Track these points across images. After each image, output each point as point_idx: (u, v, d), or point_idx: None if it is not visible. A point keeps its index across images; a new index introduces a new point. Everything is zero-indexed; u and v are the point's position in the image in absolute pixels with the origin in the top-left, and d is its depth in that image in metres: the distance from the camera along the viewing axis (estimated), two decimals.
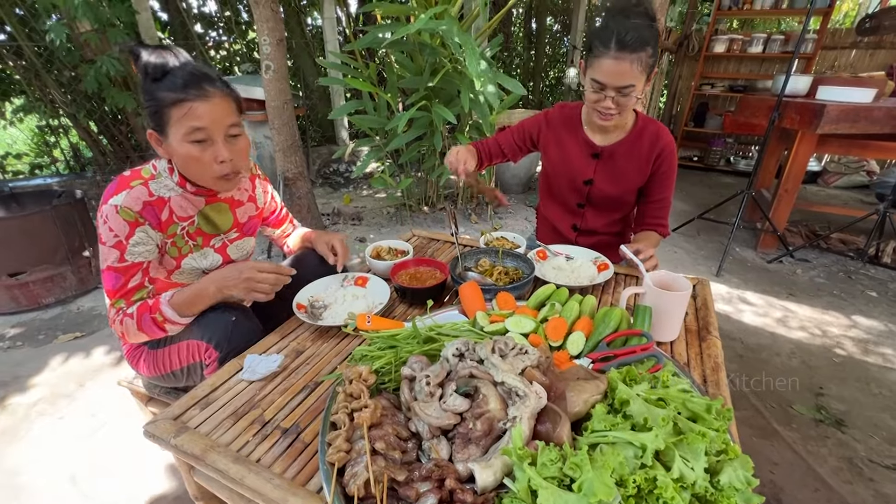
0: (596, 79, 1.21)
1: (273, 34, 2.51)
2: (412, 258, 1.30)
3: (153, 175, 1.04)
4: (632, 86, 1.19)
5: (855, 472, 1.46)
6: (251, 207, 1.27)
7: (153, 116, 0.97)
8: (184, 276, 1.14)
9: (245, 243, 1.26)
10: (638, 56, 1.15)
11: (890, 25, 4.40)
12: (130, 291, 1.02)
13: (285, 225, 1.43)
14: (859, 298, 2.60)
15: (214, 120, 0.96)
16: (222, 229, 1.18)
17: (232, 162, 1.02)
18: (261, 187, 1.31)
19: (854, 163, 4.88)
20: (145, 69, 0.95)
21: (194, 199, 1.10)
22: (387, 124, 2.96)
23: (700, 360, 0.96)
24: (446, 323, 0.99)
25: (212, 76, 0.99)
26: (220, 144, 0.99)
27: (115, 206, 0.98)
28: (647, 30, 1.15)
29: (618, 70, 1.16)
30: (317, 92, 5.22)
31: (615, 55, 1.15)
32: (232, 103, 1.01)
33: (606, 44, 1.15)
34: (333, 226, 3.53)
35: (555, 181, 1.52)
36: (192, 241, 1.12)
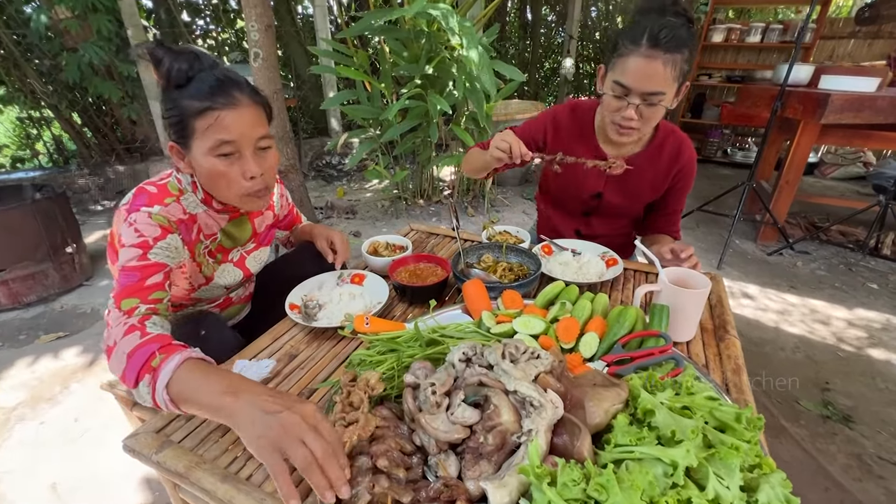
0: (620, 81, 1.06)
1: (261, 20, 2.41)
2: (411, 254, 1.23)
3: (181, 191, 0.96)
4: (661, 93, 1.04)
5: (865, 469, 1.43)
6: (269, 216, 1.20)
7: (175, 127, 0.88)
8: (206, 293, 1.08)
9: (262, 254, 1.20)
10: (672, 57, 1.00)
11: (888, 14, 4.37)
12: (147, 290, 0.83)
13: (297, 226, 1.36)
14: (861, 291, 2.57)
15: (243, 131, 0.86)
16: (241, 242, 1.12)
17: (262, 177, 0.92)
18: (279, 192, 1.24)
19: (851, 154, 4.87)
20: (167, 75, 0.85)
21: (218, 217, 1.03)
22: (380, 114, 2.87)
23: (719, 361, 0.91)
24: (450, 324, 0.93)
25: (240, 81, 0.89)
26: (248, 158, 0.89)
27: (148, 212, 0.89)
28: (685, 30, 1.01)
29: (648, 71, 1.01)
30: (308, 82, 5.09)
31: (646, 52, 1.00)
32: (262, 112, 0.92)
33: (636, 40, 1.01)
34: (327, 220, 3.45)
35: (560, 191, 1.42)
36: (212, 259, 1.06)
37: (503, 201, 3.83)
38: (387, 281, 1.14)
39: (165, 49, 0.85)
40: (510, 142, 1.15)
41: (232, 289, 1.15)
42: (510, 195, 4.02)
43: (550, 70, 7.50)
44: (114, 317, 0.80)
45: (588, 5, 6.84)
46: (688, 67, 1.05)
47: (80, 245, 2.47)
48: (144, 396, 0.71)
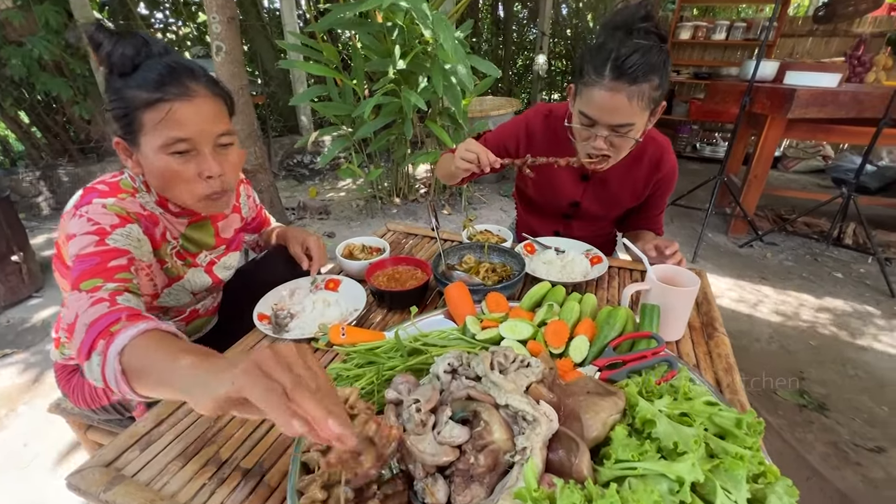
0: (585, 112, 0.99)
1: (223, 11, 2.28)
2: (389, 256, 1.17)
3: (136, 189, 0.86)
4: (629, 124, 0.97)
5: (842, 457, 1.45)
6: (236, 219, 1.10)
7: (121, 121, 0.78)
8: (168, 301, 0.98)
9: (231, 259, 1.11)
10: (639, 88, 0.91)
11: (843, 13, 4.55)
12: (111, 270, 0.71)
13: (266, 229, 1.27)
14: (826, 280, 2.66)
15: (202, 127, 0.77)
16: (207, 247, 1.02)
17: (221, 179, 0.83)
18: (245, 193, 1.15)
19: (811, 148, 5.06)
20: (109, 61, 0.75)
21: (176, 222, 0.93)
22: (353, 111, 2.78)
23: (710, 360, 0.89)
24: (432, 331, 0.87)
25: (196, 70, 0.79)
26: (207, 156, 0.79)
27: (102, 203, 0.78)
28: (656, 53, 0.91)
29: (612, 105, 0.93)
30: (276, 78, 4.92)
31: (610, 84, 0.91)
32: (222, 105, 0.82)
33: (600, 70, 0.92)
34: (299, 221, 3.33)
35: (537, 197, 1.37)
36: (181, 262, 0.96)
37: (480, 199, 3.80)
38: (363, 286, 1.07)
39: (107, 32, 0.75)
40: (476, 151, 1.09)
41: (199, 296, 1.05)
42: (487, 192, 3.99)
43: (524, 67, 7.52)
44: (73, 297, 0.67)
45: (559, 2, 6.88)
46: (660, 93, 0.96)
47: (27, 253, 2.28)
48: (94, 370, 0.60)
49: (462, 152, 1.11)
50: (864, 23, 4.82)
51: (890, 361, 1.94)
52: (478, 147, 1.10)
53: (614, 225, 1.49)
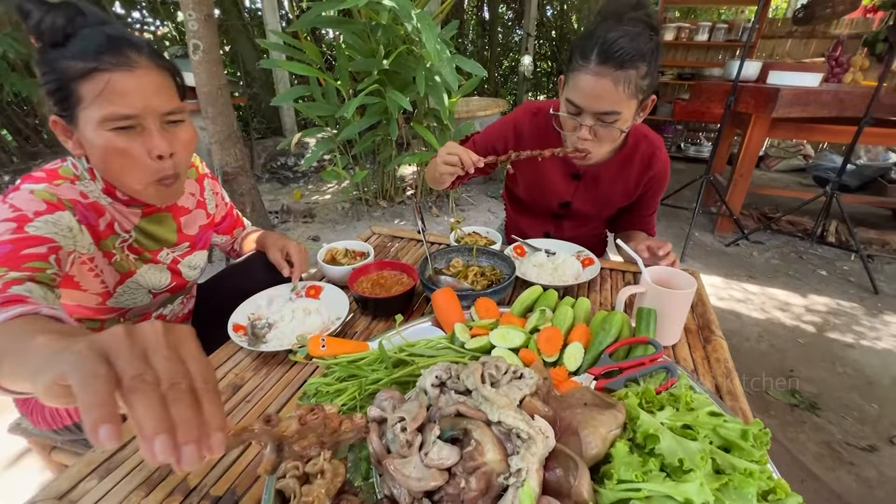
0: (570, 99, 0.96)
1: (200, 8, 2.20)
2: (374, 261, 1.11)
3: (76, 176, 0.79)
4: (615, 112, 0.93)
5: (835, 457, 1.44)
6: (200, 215, 1.03)
7: (55, 96, 0.71)
8: (125, 301, 0.90)
9: (197, 259, 1.04)
10: (626, 74, 0.88)
11: (821, 15, 4.63)
12: (22, 258, 0.64)
13: (238, 229, 1.20)
14: (812, 277, 2.68)
15: (146, 102, 0.71)
16: (168, 243, 0.95)
17: (173, 159, 0.76)
18: (210, 188, 1.08)
19: (792, 147, 5.14)
20: (39, 30, 0.69)
21: (128, 213, 0.86)
22: (337, 112, 2.72)
23: (708, 365, 0.85)
24: (419, 340, 0.82)
25: (137, 42, 0.73)
26: (154, 133, 0.73)
27: (30, 189, 0.72)
28: (644, 41, 0.88)
29: (596, 90, 0.91)
30: (259, 79, 4.83)
31: (595, 69, 0.89)
32: (169, 80, 0.76)
33: (586, 54, 0.90)
34: (283, 224, 3.25)
35: (526, 197, 1.34)
36: (134, 256, 0.89)
37: (468, 200, 3.76)
38: (346, 293, 1.02)
39: (37, 1, 0.69)
40: (457, 153, 1.06)
41: (161, 297, 0.97)
42: (475, 193, 3.96)
43: (509, 68, 7.52)
44: None
45: (544, 4, 6.90)
46: (649, 82, 0.93)
47: None
48: None
49: (443, 156, 1.08)
50: (842, 24, 4.92)
51: (876, 358, 1.95)
52: (459, 148, 1.07)
53: (605, 225, 1.46)
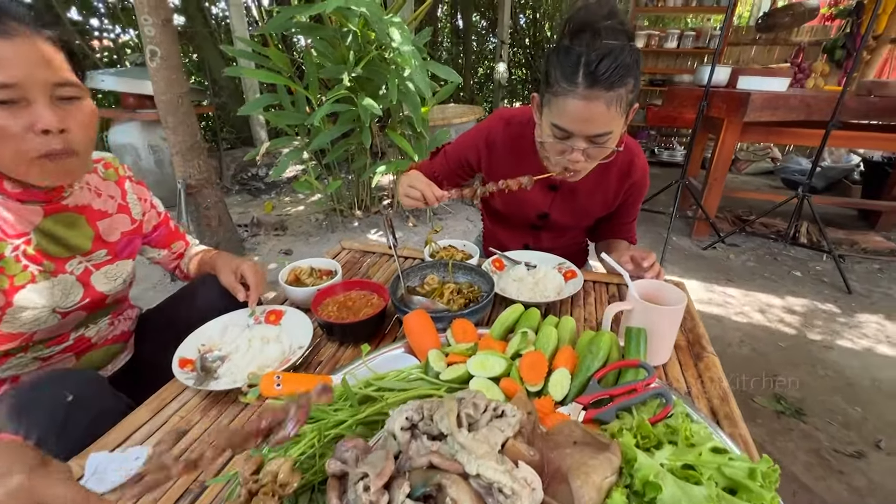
0: (559, 125, 0.89)
1: (156, 13, 2.08)
2: (340, 281, 1.02)
3: None
4: (608, 133, 0.88)
5: (825, 465, 1.41)
6: (123, 220, 0.93)
7: None
8: (23, 325, 0.77)
9: (119, 270, 0.92)
10: (616, 94, 0.83)
11: (782, 23, 4.80)
12: None
13: (177, 243, 1.08)
14: (787, 279, 2.70)
15: (27, 70, 0.63)
16: (79, 250, 0.83)
17: (63, 135, 0.68)
18: (134, 193, 0.96)
19: (761, 150, 5.28)
20: None
21: (23, 210, 0.75)
22: (306, 120, 2.62)
23: (701, 385, 0.80)
24: (389, 372, 0.74)
25: (14, 10, 0.64)
26: (41, 106, 0.65)
27: None
28: (628, 54, 0.82)
29: (588, 114, 0.84)
30: (227, 88, 4.67)
31: (585, 93, 0.82)
32: (56, 51, 0.67)
33: (571, 77, 0.83)
34: (253, 238, 3.11)
35: (503, 209, 1.28)
36: (34, 266, 0.76)
37: (446, 209, 3.69)
38: (311, 317, 0.92)
39: None
40: (420, 188, 1.02)
41: (72, 316, 0.84)
42: (453, 202, 3.89)
43: (485, 76, 7.54)
44: None
45: (517, 12, 6.96)
46: (634, 94, 0.88)
47: None
48: None
49: (405, 188, 1.05)
50: (802, 32, 5.10)
51: (854, 359, 1.96)
52: (421, 182, 1.04)
53: (586, 234, 1.41)
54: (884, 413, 1.64)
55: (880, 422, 1.60)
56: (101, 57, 4.51)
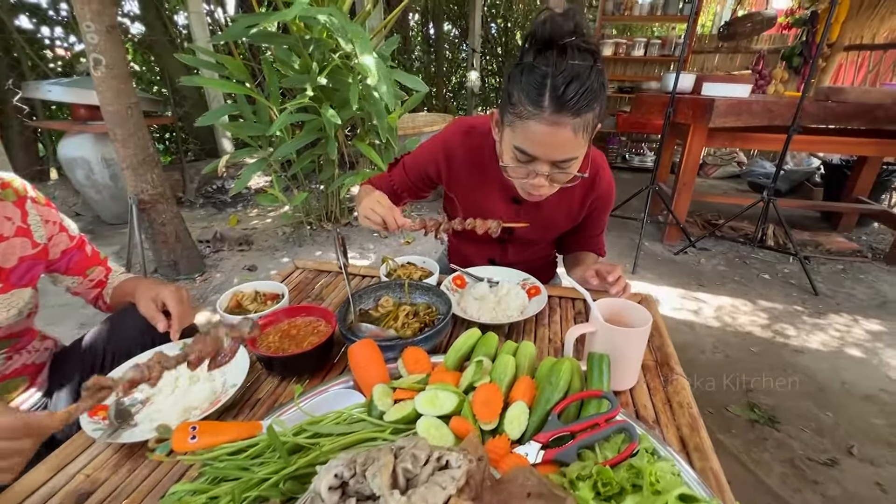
0: (522, 149, 0.83)
1: (99, 19, 1.96)
2: (285, 307, 0.94)
3: None
4: (573, 158, 0.83)
5: (800, 476, 1.39)
6: (23, 244, 0.82)
7: None
8: None
9: (15, 298, 0.82)
10: (584, 120, 0.77)
11: (742, 32, 4.95)
12: None
13: (94, 270, 0.98)
14: (756, 282, 2.73)
15: None
16: None
17: None
18: (38, 215, 0.86)
19: (727, 155, 5.41)
20: None
21: None
22: (266, 130, 2.52)
23: (670, 411, 0.74)
24: (326, 415, 0.66)
25: None
26: None
27: None
28: (595, 76, 0.77)
29: (554, 141, 0.79)
30: (191, 98, 4.51)
31: (551, 118, 0.76)
32: None
33: (537, 101, 0.76)
34: (216, 254, 2.97)
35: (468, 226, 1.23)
36: None
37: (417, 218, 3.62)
38: (249, 349, 0.83)
39: None
40: (381, 214, 0.97)
41: None
42: (425, 211, 3.83)
43: (458, 84, 7.55)
44: None
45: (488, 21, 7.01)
46: (601, 117, 0.83)
47: None
48: None
49: (367, 210, 0.99)
50: (762, 40, 5.27)
51: (824, 362, 1.97)
52: (384, 208, 0.98)
53: (553, 246, 1.36)
54: (854, 418, 1.64)
55: (851, 427, 1.60)
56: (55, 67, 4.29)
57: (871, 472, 1.41)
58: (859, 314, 2.37)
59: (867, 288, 2.66)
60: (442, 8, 6.57)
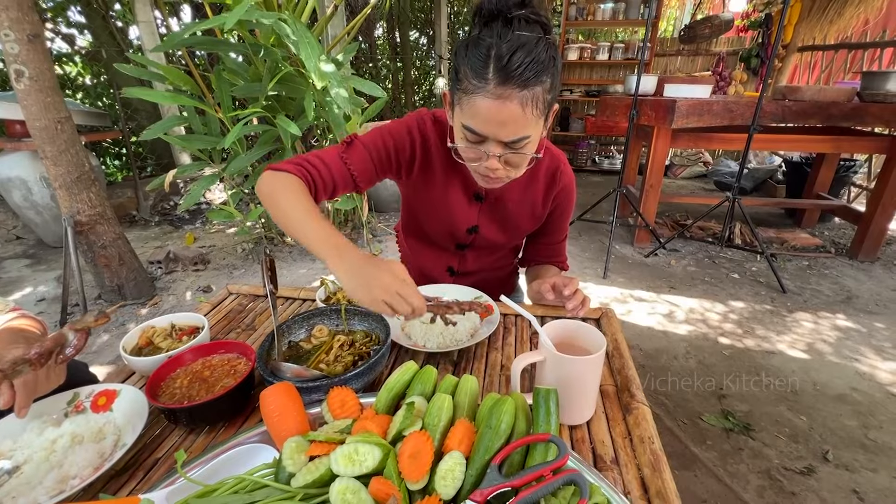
0: (470, 127, 0.76)
1: (19, 27, 1.80)
2: (199, 343, 0.82)
3: None
4: (525, 138, 0.76)
5: (776, 488, 1.33)
6: None
7: None
8: None
9: None
10: (532, 93, 0.71)
11: (702, 34, 5.05)
12: None
13: None
14: (726, 282, 2.72)
15: None
16: None
17: None
18: None
19: (693, 155, 5.50)
20: None
21: None
22: (217, 143, 2.38)
23: (631, 448, 0.66)
24: (224, 482, 0.55)
25: None
26: None
27: None
28: (543, 48, 0.71)
29: (501, 116, 0.72)
30: (145, 110, 4.30)
31: (497, 91, 0.70)
32: None
33: (481, 73, 0.70)
34: (168, 275, 2.79)
35: (429, 226, 1.11)
36: None
37: (385, 229, 3.52)
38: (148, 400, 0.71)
39: None
40: (414, 305, 0.70)
41: None
42: (393, 221, 3.72)
43: (428, 91, 7.49)
44: None
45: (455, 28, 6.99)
46: (553, 94, 0.76)
47: None
48: None
49: (395, 298, 0.68)
50: (721, 43, 5.39)
51: (795, 363, 1.95)
52: (413, 294, 0.70)
53: (515, 254, 1.28)
54: (827, 420, 1.61)
55: (825, 430, 1.56)
56: None
57: (847, 478, 1.36)
58: (826, 310, 2.37)
59: (832, 283, 2.68)
60: (407, 15, 6.52)
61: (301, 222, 0.77)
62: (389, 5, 5.50)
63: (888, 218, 2.86)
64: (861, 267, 2.88)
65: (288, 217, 0.79)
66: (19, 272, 2.87)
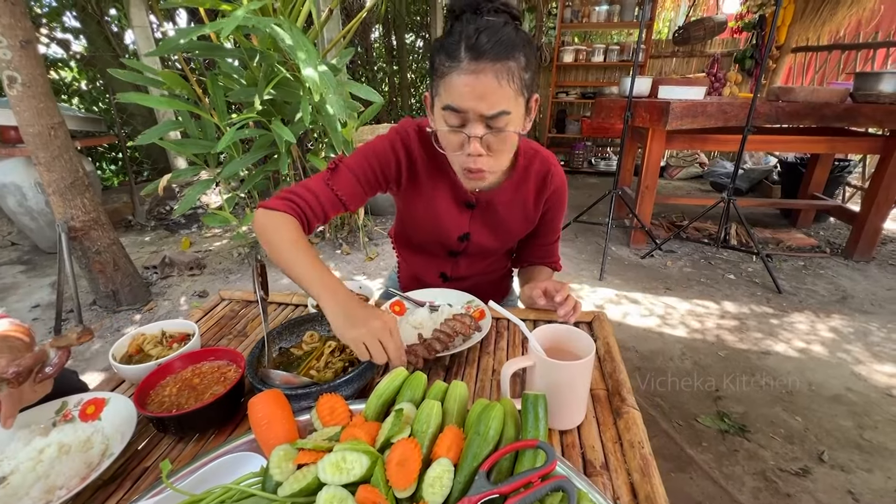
0: (450, 105, 0.78)
1: (12, 33, 1.80)
2: (189, 351, 0.82)
3: None
4: (505, 112, 0.77)
5: (772, 490, 1.33)
6: None
7: None
8: None
9: None
10: (505, 66, 0.74)
11: (696, 36, 5.07)
12: None
13: None
14: (722, 283, 2.73)
15: None
16: None
17: None
18: None
19: (689, 156, 5.52)
20: None
21: None
22: (212, 148, 2.38)
23: (621, 451, 0.66)
24: (210, 491, 0.54)
25: None
26: None
27: None
28: (511, 30, 0.76)
29: (477, 88, 0.74)
30: (140, 115, 4.30)
31: (470, 66, 0.73)
32: None
33: (454, 54, 0.75)
34: (164, 280, 2.78)
35: (420, 234, 1.11)
36: None
37: (381, 233, 3.51)
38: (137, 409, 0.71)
39: None
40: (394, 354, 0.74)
41: None
42: (389, 224, 3.72)
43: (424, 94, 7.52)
44: None
45: None
46: (530, 76, 0.79)
47: None
48: None
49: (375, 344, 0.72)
50: (715, 44, 5.42)
51: (790, 363, 1.95)
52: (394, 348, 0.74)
53: (508, 258, 1.28)
54: (822, 421, 1.61)
55: (820, 430, 1.56)
56: None
57: (842, 479, 1.36)
58: (821, 311, 2.38)
59: (828, 283, 2.69)
60: (403, 18, 6.54)
61: (294, 262, 0.82)
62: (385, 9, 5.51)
63: (882, 218, 2.87)
64: (856, 267, 2.89)
65: (282, 256, 0.83)
66: (14, 278, 2.86)
